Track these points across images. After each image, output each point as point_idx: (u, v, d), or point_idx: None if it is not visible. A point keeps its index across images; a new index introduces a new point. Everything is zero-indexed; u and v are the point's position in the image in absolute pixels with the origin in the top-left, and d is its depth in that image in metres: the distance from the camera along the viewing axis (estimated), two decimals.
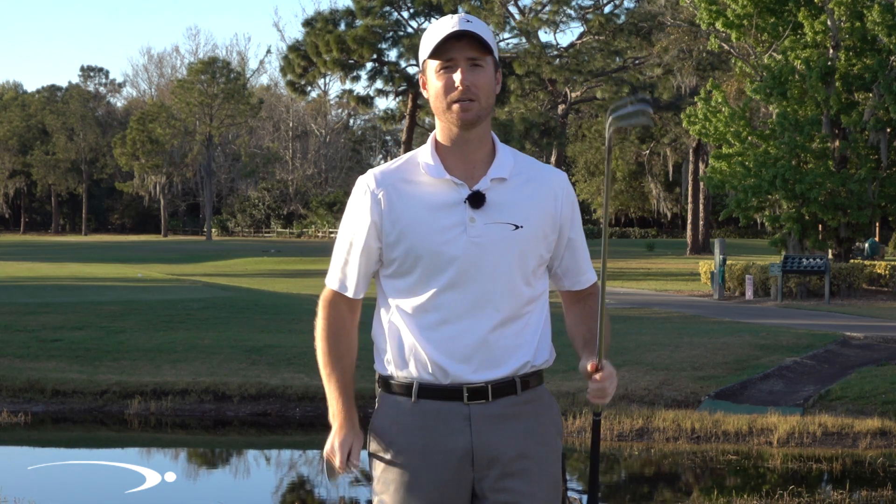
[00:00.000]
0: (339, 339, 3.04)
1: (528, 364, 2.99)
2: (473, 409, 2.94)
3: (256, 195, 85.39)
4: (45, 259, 45.17)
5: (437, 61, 2.89)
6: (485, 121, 2.94)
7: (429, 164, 2.95)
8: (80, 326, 16.92)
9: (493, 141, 3.01)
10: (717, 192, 31.59)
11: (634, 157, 68.58)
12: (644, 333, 17.08)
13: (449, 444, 2.94)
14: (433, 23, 2.96)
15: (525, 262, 2.96)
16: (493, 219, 2.92)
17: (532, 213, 2.96)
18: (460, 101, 2.88)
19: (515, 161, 3.00)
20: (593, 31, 48.32)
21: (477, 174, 2.95)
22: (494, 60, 2.94)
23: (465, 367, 2.93)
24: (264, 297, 23.43)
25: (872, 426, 11.26)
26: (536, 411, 3.02)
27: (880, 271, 27.28)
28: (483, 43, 2.88)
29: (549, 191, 3.00)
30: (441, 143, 2.97)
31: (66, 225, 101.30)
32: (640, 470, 10.61)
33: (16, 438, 12.14)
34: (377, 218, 2.95)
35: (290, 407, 13.02)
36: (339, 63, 51.70)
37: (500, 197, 2.94)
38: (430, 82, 2.93)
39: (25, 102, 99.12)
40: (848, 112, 27.56)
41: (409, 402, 2.97)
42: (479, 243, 2.91)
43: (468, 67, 2.88)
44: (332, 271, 3.06)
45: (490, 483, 2.96)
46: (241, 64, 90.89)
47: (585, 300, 3.16)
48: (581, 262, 3.12)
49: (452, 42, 2.87)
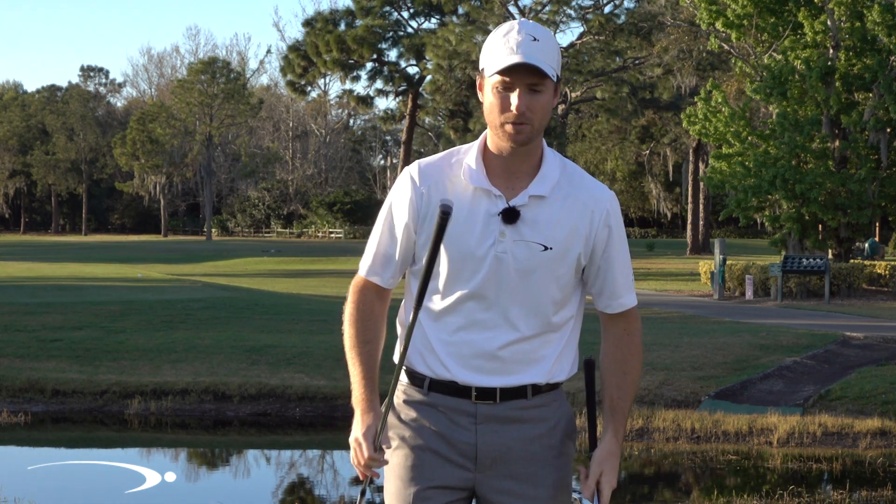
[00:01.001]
0: (366, 324, 3.00)
1: (542, 382, 2.98)
2: (480, 409, 2.94)
3: (256, 195, 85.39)
4: (45, 259, 45.17)
5: (497, 77, 2.83)
6: (537, 138, 2.90)
7: (472, 168, 2.91)
8: (80, 326, 16.92)
9: (542, 152, 2.95)
10: (717, 192, 31.61)
11: (634, 157, 68.57)
12: (644, 333, 16.93)
13: (452, 437, 2.95)
14: (499, 29, 2.88)
15: (551, 284, 2.91)
16: (522, 236, 2.88)
17: (564, 235, 2.90)
18: (514, 124, 2.83)
19: (561, 175, 2.93)
20: (593, 31, 48.32)
21: (518, 187, 2.90)
22: (556, 78, 2.87)
23: (475, 376, 2.93)
24: (264, 297, 23.42)
25: (872, 426, 11.26)
26: (546, 415, 3.00)
27: (880, 271, 27.28)
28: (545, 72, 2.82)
29: (586, 210, 2.92)
30: (489, 148, 2.93)
31: (66, 225, 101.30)
32: (640, 470, 10.61)
33: (16, 438, 12.14)
34: (416, 211, 2.93)
35: (290, 407, 13.02)
36: (339, 63, 51.73)
37: (536, 215, 2.89)
38: (486, 95, 2.88)
39: (25, 102, 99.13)
40: (848, 112, 27.57)
41: (419, 394, 2.99)
42: (503, 260, 2.88)
43: (526, 92, 2.82)
44: (366, 258, 3.03)
45: (491, 484, 2.96)
46: (241, 64, 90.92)
47: (622, 337, 3.07)
48: (616, 286, 3.02)
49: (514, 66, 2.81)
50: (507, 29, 2.85)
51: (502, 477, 2.95)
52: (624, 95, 48.45)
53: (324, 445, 12.31)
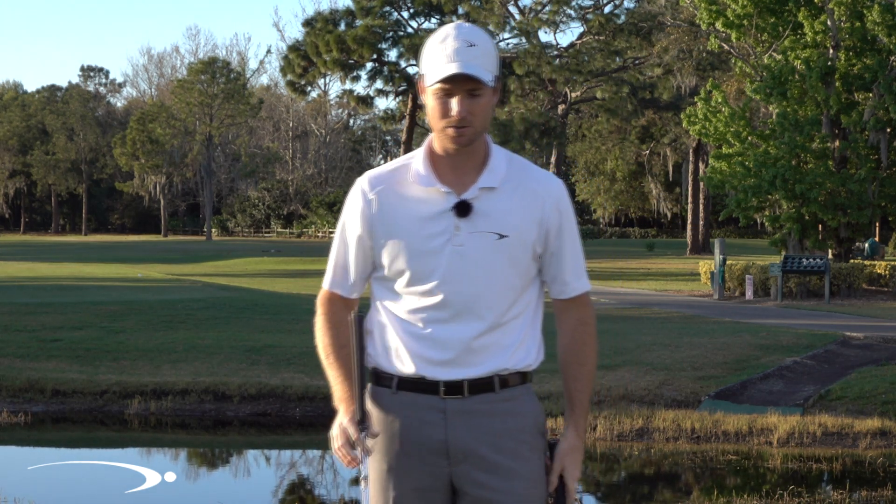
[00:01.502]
0: (338, 330, 3.10)
1: (507, 369, 3.03)
2: (449, 404, 3.00)
3: (256, 195, 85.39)
4: (45, 259, 45.17)
5: (437, 84, 2.91)
6: (480, 138, 2.98)
7: (420, 172, 3.00)
8: (80, 326, 16.92)
9: (488, 147, 3.03)
10: (717, 192, 31.62)
11: (634, 157, 68.54)
12: (644, 333, 17.08)
13: (423, 435, 3.00)
14: (436, 34, 2.95)
15: (510, 271, 2.99)
16: (477, 228, 2.96)
17: (518, 222, 2.99)
18: (455, 128, 2.92)
19: (509, 167, 3.02)
20: (593, 31, 48.32)
21: (467, 182, 2.99)
22: (495, 80, 2.95)
23: (443, 370, 2.99)
24: (264, 297, 23.42)
25: (872, 426, 11.26)
26: (514, 409, 3.04)
27: (880, 271, 27.28)
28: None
29: (537, 198, 3.01)
30: (435, 150, 3.02)
31: (66, 225, 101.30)
32: (640, 470, 10.61)
33: (16, 438, 12.14)
34: (370, 220, 3.02)
35: (290, 407, 13.02)
36: (339, 63, 51.70)
37: (488, 206, 2.97)
38: (428, 99, 2.96)
39: (25, 102, 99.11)
40: (848, 112, 27.57)
41: (389, 393, 3.04)
42: (462, 252, 2.95)
43: (466, 97, 2.90)
44: (328, 272, 3.14)
45: (467, 476, 3.01)
46: (241, 64, 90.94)
47: (576, 327, 3.11)
48: (567, 271, 3.08)
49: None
50: (444, 35, 2.93)
51: (476, 469, 3.00)
52: (624, 95, 48.43)
53: (324, 445, 12.30)
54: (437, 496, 3.02)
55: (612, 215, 77.87)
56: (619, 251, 53.12)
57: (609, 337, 16.44)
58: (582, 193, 74.43)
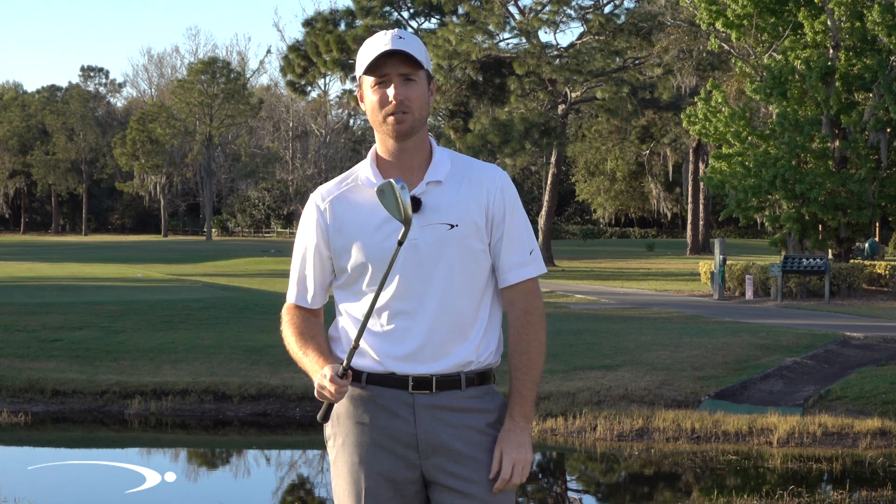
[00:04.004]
0: (305, 326, 3.20)
1: (472, 362, 3.09)
2: (417, 399, 3.07)
3: (256, 195, 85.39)
4: (45, 259, 45.17)
5: (372, 77, 3.04)
6: (420, 130, 3.08)
7: (368, 177, 3.11)
8: (80, 326, 16.92)
9: (431, 147, 3.14)
10: (717, 192, 31.58)
11: (634, 157, 68.51)
12: (644, 333, 17.08)
13: (393, 429, 3.08)
14: (367, 40, 3.09)
15: (465, 261, 3.06)
16: (428, 221, 3.05)
17: (466, 212, 3.07)
18: (395, 114, 3.03)
19: (453, 163, 3.12)
20: (593, 31, 48.31)
21: (414, 180, 3.09)
22: (427, 73, 3.08)
23: (410, 365, 3.06)
24: (264, 297, 23.42)
25: (872, 426, 11.26)
26: (481, 406, 3.11)
27: (880, 271, 27.28)
28: (414, 59, 3.02)
29: (481, 186, 3.09)
30: (380, 155, 3.13)
31: (66, 225, 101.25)
32: (640, 470, 10.61)
33: (16, 438, 12.14)
34: (324, 230, 3.12)
35: (290, 407, 13.02)
36: (339, 63, 51.67)
37: (436, 199, 3.07)
38: (367, 97, 3.08)
39: (25, 102, 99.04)
40: (848, 112, 27.56)
41: (358, 389, 3.11)
42: (416, 246, 3.03)
43: (401, 82, 3.02)
44: (291, 286, 3.24)
45: (437, 468, 3.08)
46: (241, 64, 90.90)
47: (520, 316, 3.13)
48: (509, 258, 3.12)
49: (385, 59, 3.01)
50: (375, 36, 3.08)
51: (446, 461, 3.07)
52: (624, 95, 48.39)
53: (324, 445, 12.29)
54: (408, 487, 3.08)
55: (612, 215, 77.82)
56: (619, 251, 53.10)
57: (609, 337, 16.44)
58: (582, 193, 74.41)
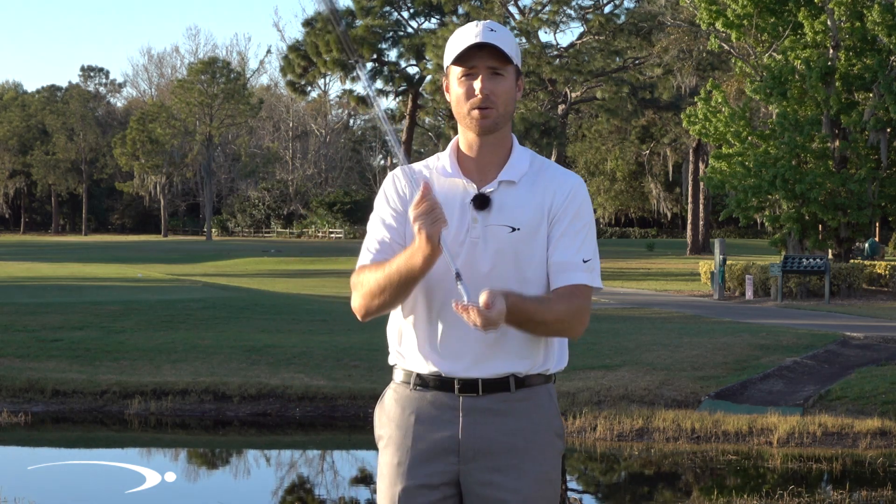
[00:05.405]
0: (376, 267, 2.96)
1: (522, 371, 3.00)
2: (464, 402, 3.00)
3: (256, 195, 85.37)
4: (45, 259, 45.17)
5: (460, 68, 2.97)
6: (503, 126, 3.01)
7: (445, 167, 3.05)
8: (80, 326, 16.92)
9: (512, 144, 3.07)
10: (717, 192, 31.60)
11: (634, 157, 68.52)
12: (644, 333, 17.08)
13: (436, 433, 3.01)
14: (458, 29, 3.02)
15: (523, 266, 2.98)
16: (492, 221, 2.98)
17: (531, 216, 2.99)
18: (479, 108, 2.96)
19: (531, 165, 3.05)
20: (593, 31, 48.33)
21: (489, 177, 3.02)
22: (516, 69, 3.01)
23: (458, 366, 2.98)
24: (264, 297, 23.42)
25: (872, 426, 11.25)
26: (530, 409, 3.02)
27: (880, 271, 27.28)
28: (504, 54, 2.95)
29: (549, 191, 3.02)
30: (460, 148, 3.06)
31: (66, 225, 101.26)
32: (640, 470, 10.61)
33: (16, 438, 12.13)
34: (402, 206, 3.03)
35: (290, 407, 13.01)
36: (339, 63, 51.68)
37: (504, 199, 2.99)
38: (452, 88, 3.01)
39: (25, 102, 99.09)
40: (848, 112, 27.56)
41: (406, 390, 3.06)
42: (476, 244, 2.96)
43: (489, 76, 2.95)
44: (364, 252, 3.04)
45: (475, 476, 3.00)
46: (241, 64, 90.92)
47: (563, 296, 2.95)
48: (566, 260, 2.97)
49: (474, 51, 2.94)
50: (466, 26, 2.99)
51: (486, 469, 2.99)
52: (624, 95, 48.44)
53: (324, 445, 12.31)
54: (443, 493, 3.01)
55: (613, 215, 77.84)
56: (619, 251, 53.10)
57: (609, 337, 16.44)
58: None
